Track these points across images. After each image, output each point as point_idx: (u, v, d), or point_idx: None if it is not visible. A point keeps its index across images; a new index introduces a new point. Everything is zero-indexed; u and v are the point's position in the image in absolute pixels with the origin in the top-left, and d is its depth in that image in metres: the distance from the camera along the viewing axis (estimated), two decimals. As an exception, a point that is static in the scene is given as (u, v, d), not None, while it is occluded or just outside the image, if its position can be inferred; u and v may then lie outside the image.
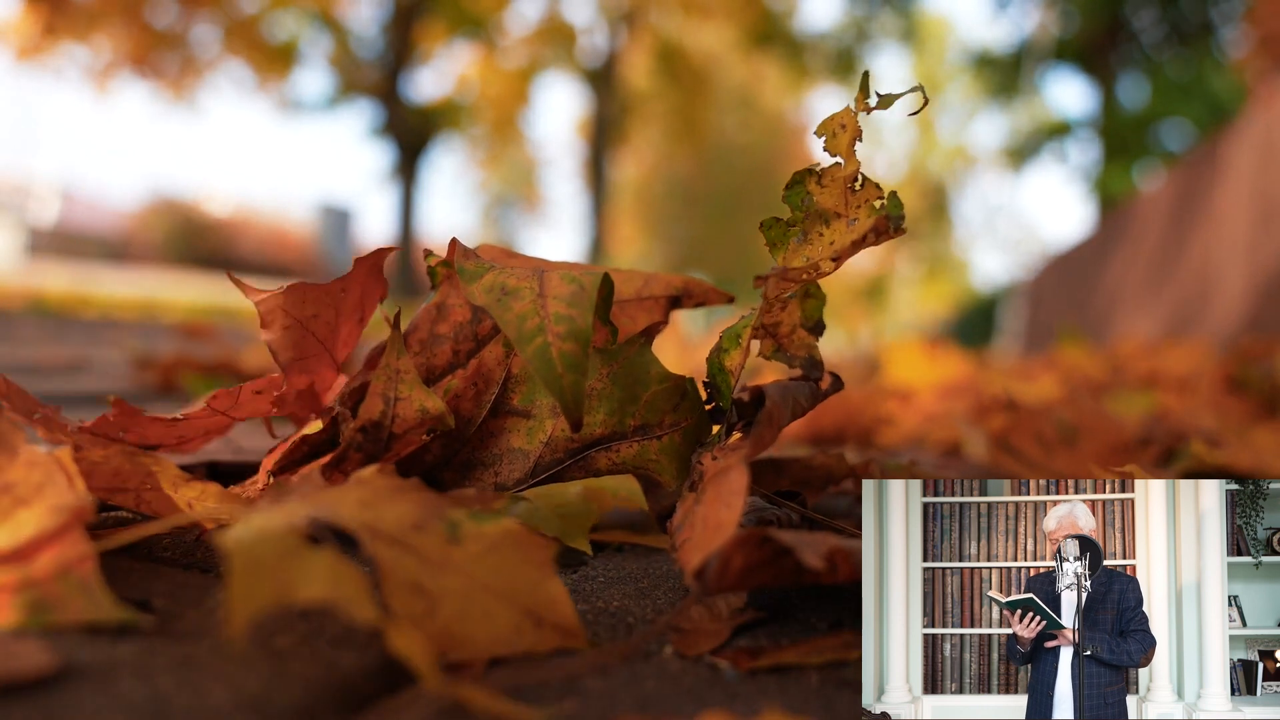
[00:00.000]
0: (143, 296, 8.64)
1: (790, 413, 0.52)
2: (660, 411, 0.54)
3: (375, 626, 0.34)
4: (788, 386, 0.52)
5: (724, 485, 0.43)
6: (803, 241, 0.51)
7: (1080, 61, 13.37)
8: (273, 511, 0.35)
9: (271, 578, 0.30)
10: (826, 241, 0.50)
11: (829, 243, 0.50)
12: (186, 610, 0.42)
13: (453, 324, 0.56)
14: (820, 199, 0.50)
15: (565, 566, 0.55)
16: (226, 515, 0.51)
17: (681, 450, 0.54)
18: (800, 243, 0.51)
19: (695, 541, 0.42)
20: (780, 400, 0.49)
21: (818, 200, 0.50)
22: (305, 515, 0.34)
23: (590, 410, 0.53)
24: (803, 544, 0.38)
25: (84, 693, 0.32)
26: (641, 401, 0.53)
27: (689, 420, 0.54)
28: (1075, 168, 15.08)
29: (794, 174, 0.51)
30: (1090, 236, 6.97)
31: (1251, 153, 3.82)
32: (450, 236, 0.55)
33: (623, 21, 13.59)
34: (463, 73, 14.32)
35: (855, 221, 0.49)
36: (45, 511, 0.38)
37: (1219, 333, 3.76)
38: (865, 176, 0.49)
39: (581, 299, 0.44)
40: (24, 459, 0.41)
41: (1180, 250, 4.59)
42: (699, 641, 0.42)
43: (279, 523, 0.33)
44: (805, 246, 0.51)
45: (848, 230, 0.49)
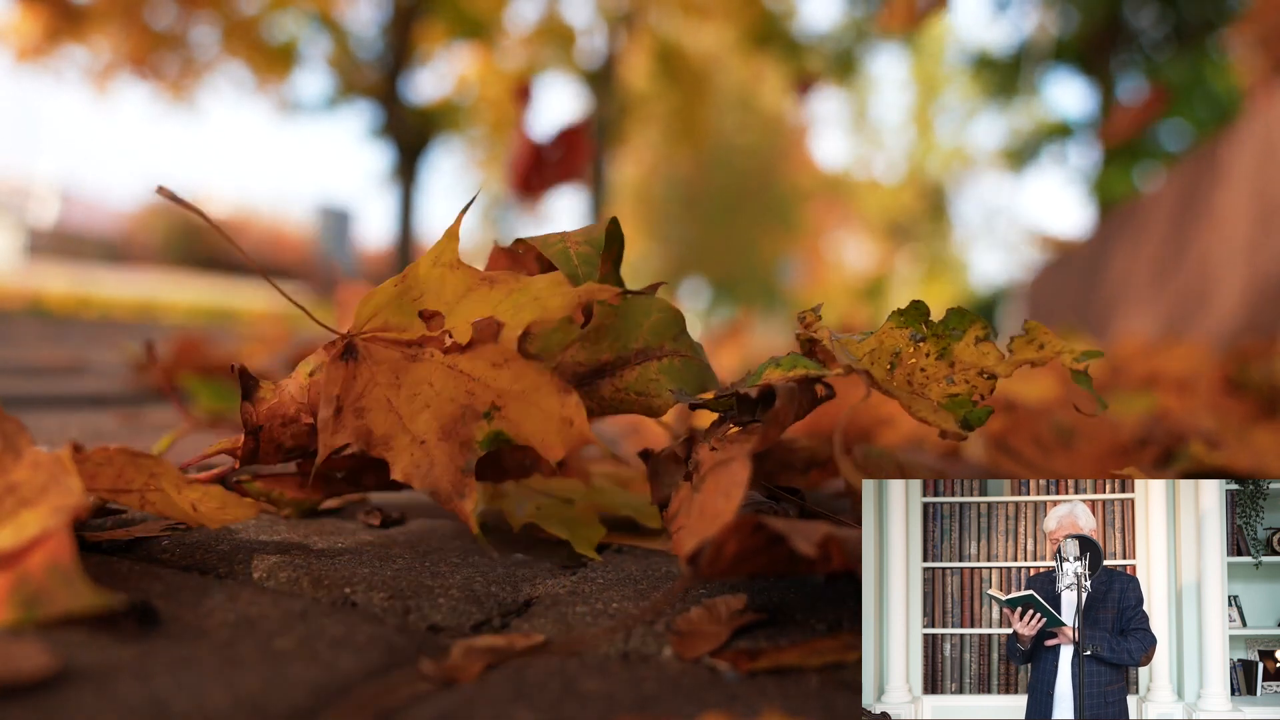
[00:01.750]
0: (142, 297, 8.64)
1: (795, 412, 0.52)
2: (662, 337, 0.59)
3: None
4: (793, 388, 0.52)
5: (725, 476, 0.43)
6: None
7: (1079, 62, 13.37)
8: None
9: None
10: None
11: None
12: (185, 611, 0.42)
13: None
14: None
15: (565, 568, 0.55)
16: (230, 517, 0.51)
17: (680, 374, 0.58)
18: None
19: (691, 528, 0.42)
20: (788, 401, 0.49)
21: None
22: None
23: (599, 339, 0.58)
24: (796, 531, 0.38)
25: (83, 694, 0.32)
26: (645, 326, 0.59)
27: (688, 353, 0.59)
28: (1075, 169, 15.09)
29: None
30: (1091, 237, 6.97)
31: (1251, 153, 3.82)
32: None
33: (622, 23, 13.60)
34: (462, 74, 14.32)
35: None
36: (48, 512, 0.38)
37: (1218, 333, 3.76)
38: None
39: (593, 232, 0.59)
40: (28, 460, 0.41)
41: (1180, 251, 4.60)
42: (698, 643, 0.42)
43: None
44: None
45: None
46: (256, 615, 0.42)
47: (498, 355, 0.51)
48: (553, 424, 0.51)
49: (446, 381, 0.52)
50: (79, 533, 0.53)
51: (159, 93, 11.68)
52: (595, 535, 0.60)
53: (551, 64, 14.30)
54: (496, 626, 0.45)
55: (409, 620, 0.45)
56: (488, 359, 0.51)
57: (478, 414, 0.51)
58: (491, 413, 0.51)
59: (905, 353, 0.52)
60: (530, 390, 0.51)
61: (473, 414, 0.51)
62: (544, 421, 0.51)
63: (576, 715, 0.34)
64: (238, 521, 0.55)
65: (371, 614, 0.45)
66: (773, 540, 0.39)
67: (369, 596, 0.47)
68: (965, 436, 0.49)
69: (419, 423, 0.51)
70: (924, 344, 0.52)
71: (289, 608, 0.44)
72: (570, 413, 0.51)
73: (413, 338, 0.52)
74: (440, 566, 0.53)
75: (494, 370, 0.51)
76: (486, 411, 0.51)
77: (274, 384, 0.55)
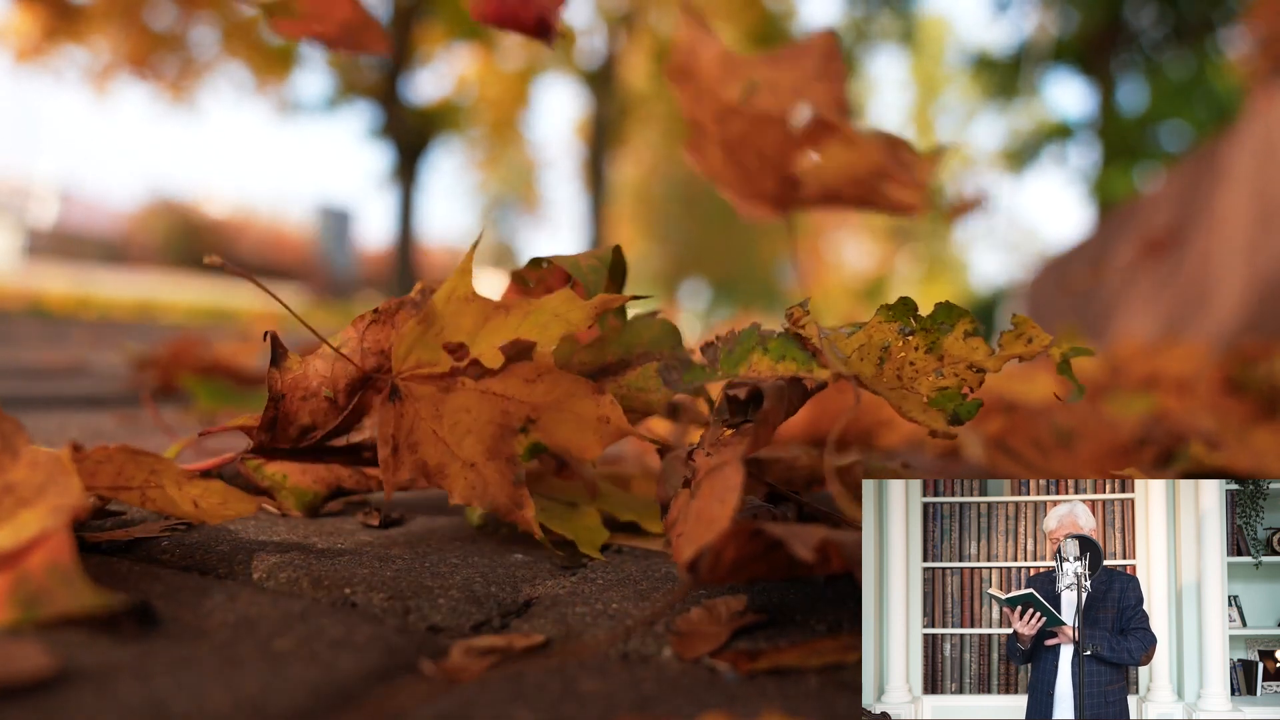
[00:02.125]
0: (142, 298, 8.64)
1: (785, 410, 0.52)
2: (660, 344, 0.64)
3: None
4: (782, 386, 0.52)
5: (719, 481, 0.43)
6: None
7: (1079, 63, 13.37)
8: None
9: None
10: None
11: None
12: (185, 611, 0.42)
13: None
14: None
15: (565, 568, 0.55)
16: (232, 512, 0.51)
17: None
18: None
19: (689, 535, 0.42)
20: (777, 401, 0.49)
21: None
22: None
23: (605, 345, 0.65)
24: (794, 536, 0.38)
25: (83, 695, 0.32)
26: (645, 338, 0.65)
27: (685, 357, 0.63)
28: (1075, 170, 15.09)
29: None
30: (1090, 237, 6.97)
31: (1251, 154, 3.82)
32: (451, 237, 0.57)
33: (621, 23, 13.60)
34: (462, 74, 14.32)
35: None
36: (47, 512, 0.38)
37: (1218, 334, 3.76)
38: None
39: (600, 253, 0.64)
40: (26, 459, 0.41)
41: (1180, 251, 4.60)
42: (698, 644, 0.42)
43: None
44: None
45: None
46: (256, 615, 0.42)
47: (530, 372, 0.54)
48: (588, 425, 0.55)
49: (482, 406, 0.55)
50: (79, 533, 0.53)
51: (159, 93, 11.67)
52: (599, 537, 0.60)
53: (551, 64, 14.30)
54: (496, 627, 0.45)
55: (409, 620, 0.45)
56: (520, 377, 0.55)
57: (514, 430, 0.55)
58: (527, 426, 0.55)
59: (894, 347, 0.52)
60: (564, 398, 0.55)
61: (509, 431, 0.55)
62: (578, 425, 0.55)
63: (576, 716, 0.34)
64: (239, 517, 0.55)
65: (371, 614, 0.45)
66: (771, 545, 0.40)
67: (369, 597, 0.47)
68: (955, 435, 0.49)
69: (465, 448, 0.55)
70: (913, 338, 0.52)
71: (289, 608, 0.44)
72: (605, 410, 0.55)
73: (444, 370, 0.54)
74: (440, 567, 0.53)
75: (528, 386, 0.55)
76: (522, 426, 0.55)
77: (300, 357, 0.58)
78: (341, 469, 0.65)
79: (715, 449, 0.49)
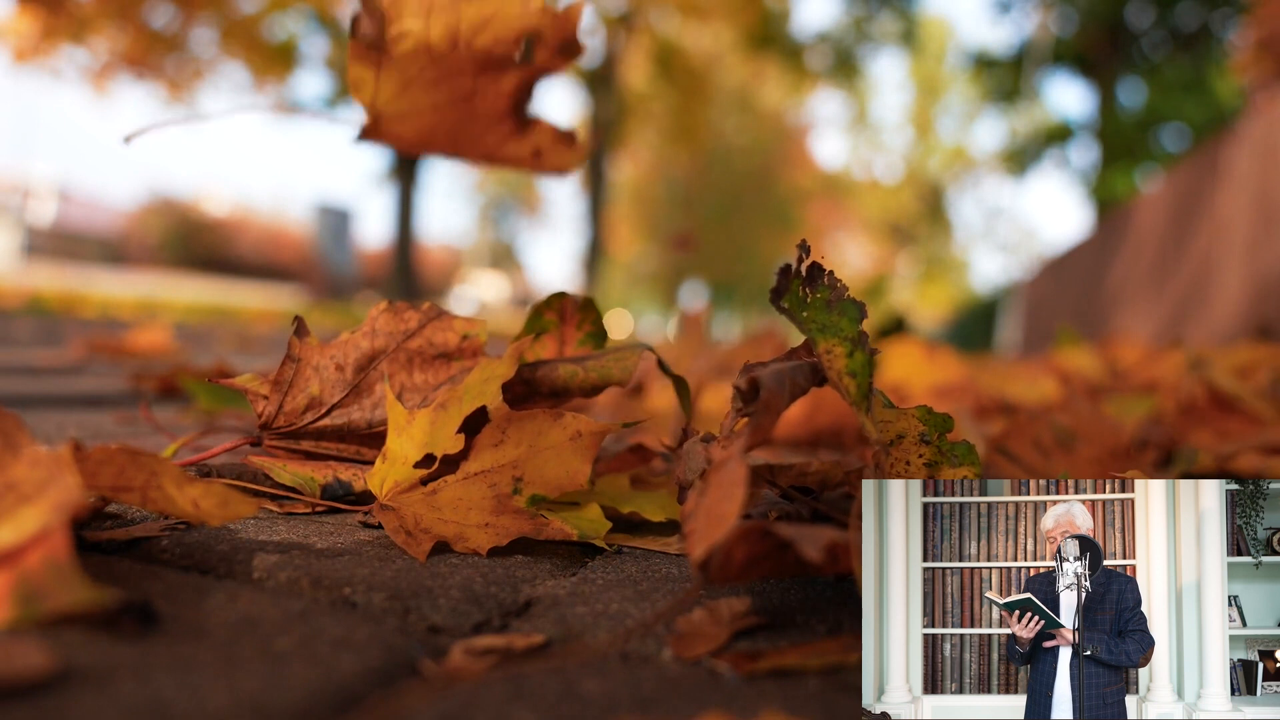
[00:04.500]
0: (140, 297, 8.64)
1: (789, 395, 0.52)
2: (625, 359, 0.71)
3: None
4: (783, 370, 0.52)
5: (724, 477, 0.43)
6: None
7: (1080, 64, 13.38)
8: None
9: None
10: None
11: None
12: (185, 611, 0.42)
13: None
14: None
15: (565, 569, 0.55)
16: (231, 513, 0.51)
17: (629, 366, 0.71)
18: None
19: (700, 533, 0.42)
20: (777, 387, 0.49)
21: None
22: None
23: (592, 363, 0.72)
24: (802, 537, 0.38)
25: (83, 694, 0.32)
26: (614, 351, 0.72)
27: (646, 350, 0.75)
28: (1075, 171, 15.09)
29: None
30: (1090, 238, 6.97)
31: (1251, 155, 3.82)
32: (447, 237, 0.57)
33: (621, 23, 13.59)
34: (462, 74, 14.28)
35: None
36: (47, 509, 0.38)
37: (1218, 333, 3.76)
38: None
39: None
40: (27, 457, 0.41)
41: (1180, 252, 4.60)
42: (698, 644, 0.42)
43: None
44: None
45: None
46: (256, 615, 0.42)
47: (495, 435, 0.59)
48: (566, 450, 0.59)
49: (470, 491, 0.59)
50: (79, 533, 0.53)
51: (157, 92, 11.66)
52: (602, 528, 0.61)
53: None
54: (496, 627, 0.45)
55: (409, 620, 0.45)
56: (489, 444, 0.59)
57: (508, 494, 0.59)
58: (519, 487, 0.59)
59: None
60: (534, 440, 0.59)
61: (505, 496, 0.59)
62: (558, 457, 0.59)
63: (576, 716, 0.34)
64: (239, 518, 0.54)
65: (371, 614, 0.45)
66: (781, 545, 0.40)
67: (369, 597, 0.47)
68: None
69: (474, 517, 0.58)
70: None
71: (289, 608, 0.44)
72: (572, 427, 0.58)
73: (419, 479, 0.60)
74: (440, 567, 0.53)
75: (497, 451, 0.59)
76: (514, 489, 0.59)
77: (318, 342, 0.66)
78: (338, 465, 0.67)
79: (726, 440, 0.49)
